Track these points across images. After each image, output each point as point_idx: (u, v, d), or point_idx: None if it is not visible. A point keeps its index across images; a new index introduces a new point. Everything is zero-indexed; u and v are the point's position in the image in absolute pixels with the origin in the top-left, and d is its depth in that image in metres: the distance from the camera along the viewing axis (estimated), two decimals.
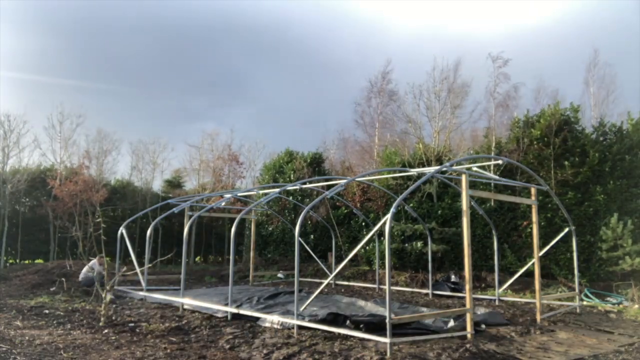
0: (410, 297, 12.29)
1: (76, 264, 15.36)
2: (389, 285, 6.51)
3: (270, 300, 10.55)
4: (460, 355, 6.16)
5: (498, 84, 16.81)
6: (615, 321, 9.07)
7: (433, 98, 18.47)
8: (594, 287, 12.53)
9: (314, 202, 9.12)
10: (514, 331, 7.88)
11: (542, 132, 14.17)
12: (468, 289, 7.49)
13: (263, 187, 15.18)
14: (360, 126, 23.53)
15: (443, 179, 11.76)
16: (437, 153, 17.16)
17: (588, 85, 20.70)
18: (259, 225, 21.15)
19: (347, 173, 22.45)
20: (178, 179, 27.90)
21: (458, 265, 14.86)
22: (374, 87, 22.67)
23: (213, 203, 15.23)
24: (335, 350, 6.52)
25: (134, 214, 21.09)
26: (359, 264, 17.57)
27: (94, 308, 9.95)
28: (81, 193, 19.79)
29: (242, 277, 17.49)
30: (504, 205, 14.53)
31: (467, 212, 7.73)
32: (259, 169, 27.98)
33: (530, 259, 12.68)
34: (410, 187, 7.54)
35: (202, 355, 6.37)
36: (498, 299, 11.43)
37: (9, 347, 6.59)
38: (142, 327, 8.14)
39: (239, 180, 25.92)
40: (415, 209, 15.92)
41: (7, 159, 20.54)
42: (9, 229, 19.88)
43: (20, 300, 11.11)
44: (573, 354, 6.57)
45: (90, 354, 6.38)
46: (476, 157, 11.96)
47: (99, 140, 25.02)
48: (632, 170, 13.07)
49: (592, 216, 13.11)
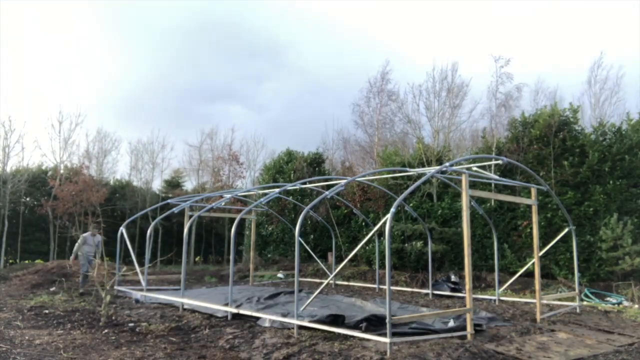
0: (410, 297, 12.29)
1: (76, 264, 15.37)
2: (389, 285, 6.51)
3: (270, 300, 10.55)
4: (460, 355, 6.15)
5: (501, 84, 16.79)
6: (615, 321, 9.07)
7: (432, 98, 18.49)
8: (594, 287, 12.53)
9: (314, 202, 9.11)
10: (514, 331, 7.88)
11: (542, 132, 14.18)
12: (468, 289, 7.50)
13: (263, 187, 15.17)
14: (360, 126, 23.59)
15: (443, 179, 11.76)
16: (437, 153, 17.17)
17: (590, 86, 20.73)
18: (259, 225, 21.15)
19: (347, 173, 22.47)
20: (178, 179, 27.92)
21: (458, 265, 14.86)
22: (373, 87, 22.72)
23: (213, 203, 15.22)
24: (335, 351, 6.51)
25: (133, 214, 21.10)
26: (358, 264, 17.57)
27: (94, 308, 9.95)
28: (81, 193, 19.80)
29: (242, 277, 17.50)
30: (503, 205, 14.53)
31: (467, 212, 7.73)
32: (259, 168, 28.02)
33: (530, 259, 12.69)
34: (410, 187, 7.54)
35: (202, 355, 6.36)
36: (498, 299, 11.43)
37: (9, 347, 6.59)
38: (142, 327, 8.14)
39: (238, 180, 25.95)
40: (415, 209, 15.92)
41: (8, 159, 20.56)
42: (9, 229, 19.88)
43: (20, 300, 11.11)
44: (573, 354, 6.57)
45: (90, 354, 6.38)
46: (476, 157, 11.96)
47: (98, 140, 25.07)
48: (631, 170, 13.07)
49: (592, 216, 13.11)
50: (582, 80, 22.85)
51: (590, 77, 20.96)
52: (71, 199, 19.68)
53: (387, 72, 22.66)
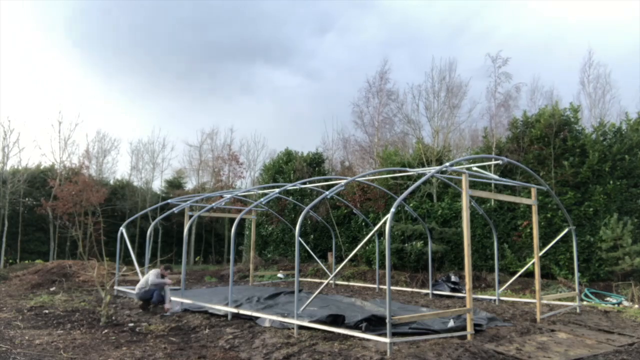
0: (410, 297, 12.29)
1: (76, 264, 15.38)
2: (389, 285, 6.51)
3: (270, 300, 10.54)
4: (460, 355, 6.15)
5: (499, 84, 16.81)
6: (615, 321, 9.07)
7: (432, 98, 18.50)
8: (594, 287, 12.53)
9: (314, 202, 9.11)
10: (514, 331, 7.88)
11: (542, 132, 14.18)
12: (468, 289, 7.50)
13: (263, 187, 15.16)
14: (360, 126, 23.60)
15: (443, 179, 11.76)
16: (437, 153, 17.17)
17: (584, 86, 20.75)
18: (259, 225, 21.15)
19: (347, 173, 22.48)
20: (178, 179, 27.94)
21: (458, 265, 14.86)
22: (372, 87, 22.73)
23: (213, 203, 15.22)
24: (335, 351, 6.51)
25: (133, 214, 21.11)
26: (358, 264, 17.58)
27: (93, 308, 9.95)
28: (81, 193, 19.80)
29: (242, 277, 17.50)
30: (503, 205, 14.53)
31: (467, 212, 7.73)
32: (259, 168, 28.04)
33: (530, 259, 12.70)
34: (410, 187, 7.53)
35: (202, 355, 6.36)
36: (498, 299, 11.42)
37: (9, 347, 6.59)
38: (142, 327, 8.14)
39: (238, 180, 25.98)
40: (415, 209, 15.92)
41: (7, 159, 20.56)
42: (9, 229, 19.88)
43: (20, 300, 11.11)
44: (573, 354, 6.57)
45: (90, 354, 6.38)
46: (476, 157, 11.95)
47: (98, 140, 25.09)
48: (631, 170, 13.07)
49: (592, 216, 13.11)
50: (576, 80, 22.88)
51: (582, 77, 20.97)
52: (71, 199, 19.68)
53: (386, 72, 22.70)
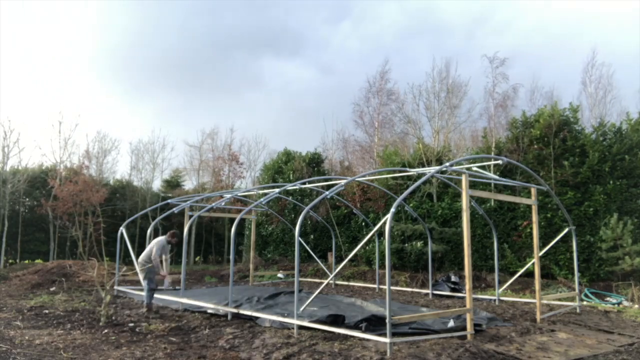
0: (410, 297, 12.29)
1: (76, 264, 15.37)
2: (389, 285, 6.51)
3: (270, 300, 10.54)
4: (460, 355, 6.15)
5: (497, 84, 16.84)
6: (615, 321, 9.07)
7: (432, 98, 18.51)
8: (594, 287, 12.53)
9: (314, 202, 9.11)
10: (514, 331, 7.88)
11: (542, 132, 14.18)
12: (468, 289, 7.50)
13: (263, 187, 15.16)
14: (360, 126, 23.60)
15: (443, 179, 11.76)
16: (437, 153, 17.17)
17: (585, 86, 20.73)
18: (259, 225, 21.15)
19: (347, 173, 22.47)
20: (178, 179, 27.94)
21: (458, 265, 14.86)
22: (372, 87, 22.73)
23: (213, 203, 15.22)
24: (335, 351, 6.51)
25: (133, 214, 21.11)
26: (358, 264, 17.58)
27: (93, 308, 9.95)
28: (81, 193, 19.79)
29: (242, 277, 17.50)
30: (503, 205, 14.53)
31: (467, 212, 7.73)
32: (259, 168, 28.04)
33: (530, 259, 12.70)
34: (410, 187, 7.53)
35: (202, 355, 6.36)
36: (498, 299, 11.42)
37: (9, 347, 6.59)
38: (142, 327, 8.14)
39: (238, 180, 25.97)
40: (415, 209, 15.92)
41: (7, 159, 20.55)
42: (9, 229, 19.88)
43: (20, 300, 11.11)
44: (573, 354, 6.57)
45: (90, 354, 6.38)
46: (476, 157, 11.96)
47: (98, 140, 25.08)
48: (631, 170, 13.07)
49: (592, 216, 13.11)
50: (577, 80, 22.87)
51: (584, 77, 20.95)
52: (71, 199, 19.67)
53: (386, 72, 22.70)
